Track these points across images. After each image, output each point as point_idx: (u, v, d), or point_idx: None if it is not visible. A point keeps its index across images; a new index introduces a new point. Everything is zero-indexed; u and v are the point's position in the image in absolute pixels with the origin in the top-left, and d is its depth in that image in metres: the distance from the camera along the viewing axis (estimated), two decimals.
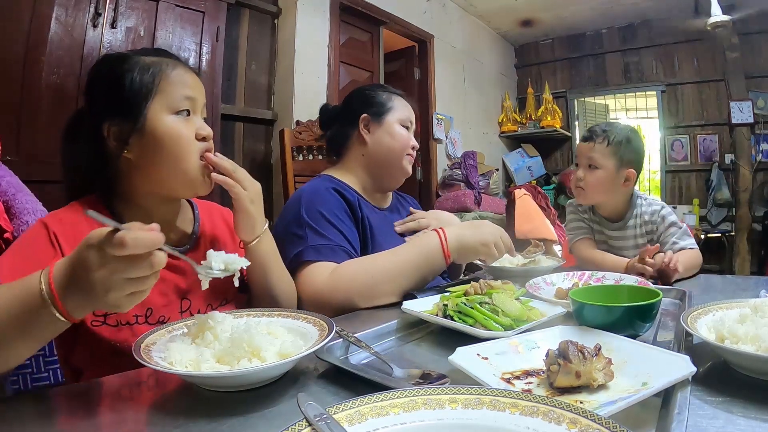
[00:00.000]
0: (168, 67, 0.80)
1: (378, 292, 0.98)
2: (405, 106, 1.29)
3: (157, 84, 0.78)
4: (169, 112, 0.78)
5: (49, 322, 0.53)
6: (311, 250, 1.02)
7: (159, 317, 0.79)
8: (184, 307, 0.83)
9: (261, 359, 0.57)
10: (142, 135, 0.77)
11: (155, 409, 0.54)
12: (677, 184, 4.99)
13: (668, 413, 0.46)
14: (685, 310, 0.68)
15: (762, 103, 4.32)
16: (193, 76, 0.83)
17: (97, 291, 0.51)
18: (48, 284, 0.52)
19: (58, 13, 1.87)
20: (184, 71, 0.82)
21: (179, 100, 0.79)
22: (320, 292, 0.97)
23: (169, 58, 0.82)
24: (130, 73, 0.77)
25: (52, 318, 0.53)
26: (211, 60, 2.35)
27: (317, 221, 1.06)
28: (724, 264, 4.46)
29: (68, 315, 0.53)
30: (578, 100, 5.46)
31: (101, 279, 0.50)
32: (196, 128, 0.80)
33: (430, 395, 0.44)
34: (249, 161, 2.81)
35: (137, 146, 0.77)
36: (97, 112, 0.79)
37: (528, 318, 0.76)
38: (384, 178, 1.27)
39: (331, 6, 3.08)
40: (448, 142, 4.27)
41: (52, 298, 0.52)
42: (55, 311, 0.52)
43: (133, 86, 0.76)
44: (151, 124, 0.77)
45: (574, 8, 4.67)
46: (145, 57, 0.80)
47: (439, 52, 4.20)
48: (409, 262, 1.01)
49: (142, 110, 0.76)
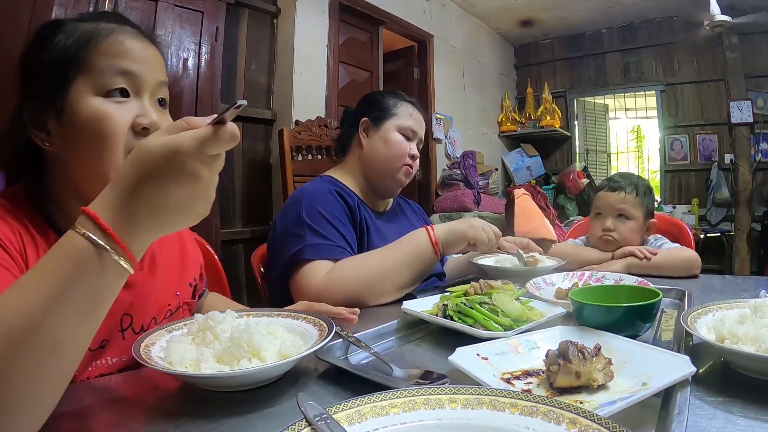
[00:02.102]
0: (102, 34, 0.62)
1: (374, 291, 0.99)
2: (410, 115, 1.26)
3: (83, 56, 0.60)
4: (94, 93, 0.60)
5: (110, 278, 0.42)
6: (309, 249, 1.02)
7: (101, 341, 0.66)
8: (124, 324, 0.70)
9: (261, 359, 0.57)
10: (61, 122, 0.61)
11: (155, 409, 0.54)
12: (677, 184, 5.00)
13: (668, 413, 0.46)
14: (685, 311, 0.68)
15: (761, 102, 4.32)
16: (140, 44, 0.64)
17: (190, 204, 0.43)
18: (99, 229, 0.41)
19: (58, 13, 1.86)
20: (125, 38, 0.63)
21: (109, 77, 0.61)
22: (317, 292, 0.97)
23: (112, 22, 0.64)
24: (52, 43, 0.61)
25: (113, 270, 0.42)
26: (210, 60, 2.35)
27: (316, 221, 1.06)
28: (724, 264, 4.46)
29: (133, 257, 0.43)
30: (578, 100, 5.46)
31: (204, 189, 0.43)
32: (135, 114, 0.62)
33: (429, 395, 0.44)
34: (248, 161, 2.81)
35: (58, 136, 0.62)
36: (19, 93, 0.64)
37: (528, 318, 0.76)
38: (376, 185, 1.26)
39: (331, 6, 3.08)
40: (447, 141, 4.27)
41: (112, 242, 0.42)
42: (117, 258, 0.42)
43: (51, 59, 0.60)
44: (70, 108, 0.60)
45: (573, 8, 4.67)
46: (81, 22, 0.63)
47: (439, 52, 4.20)
48: (401, 258, 1.02)
49: (60, 90, 0.60)
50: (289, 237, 1.06)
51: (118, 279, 0.44)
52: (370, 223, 1.19)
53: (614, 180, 1.44)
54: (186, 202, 0.43)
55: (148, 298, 0.73)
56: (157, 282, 0.75)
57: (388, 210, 1.34)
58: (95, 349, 0.65)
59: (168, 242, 0.81)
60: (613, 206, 1.40)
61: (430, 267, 1.06)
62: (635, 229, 1.39)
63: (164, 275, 0.77)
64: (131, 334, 0.69)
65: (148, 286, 0.73)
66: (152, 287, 0.74)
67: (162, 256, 0.78)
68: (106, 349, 0.67)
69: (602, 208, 1.43)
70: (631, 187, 1.40)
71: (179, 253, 0.84)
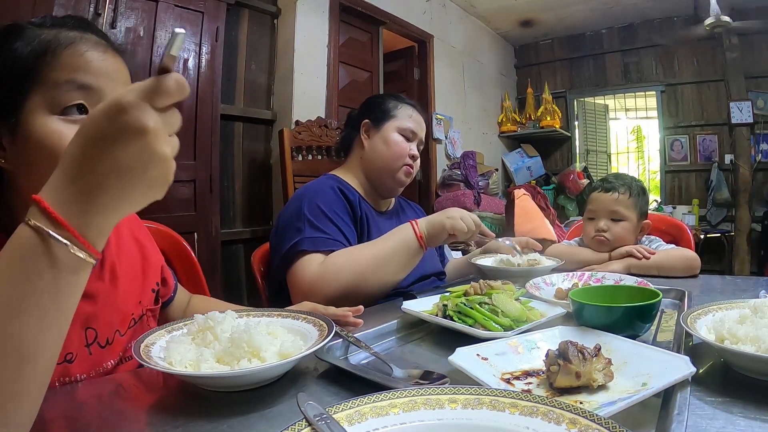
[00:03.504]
0: (61, 44, 0.57)
1: (365, 283, 1.01)
2: (410, 116, 1.29)
3: (39, 68, 0.55)
4: (50, 111, 0.56)
5: (66, 272, 0.37)
6: (307, 241, 1.04)
7: (65, 355, 0.62)
8: (89, 339, 0.66)
9: (261, 359, 0.57)
10: (15, 140, 0.56)
11: (155, 409, 0.54)
12: (677, 184, 5.00)
13: (668, 414, 0.46)
14: (685, 311, 0.68)
15: (761, 103, 4.32)
16: (101, 55, 0.59)
17: (143, 166, 0.37)
18: (45, 214, 0.36)
19: (58, 14, 1.86)
20: (86, 48, 0.58)
21: (66, 92, 0.56)
22: (310, 284, 1.00)
23: (76, 30, 0.59)
24: (9, 49, 0.56)
25: (68, 262, 0.37)
26: (210, 60, 2.35)
27: (316, 216, 1.08)
28: (724, 264, 4.46)
29: (90, 244, 0.38)
30: (578, 101, 5.46)
31: (155, 146, 0.37)
32: None
33: (429, 395, 0.44)
34: (248, 161, 2.81)
35: (12, 153, 0.57)
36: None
37: (528, 318, 0.76)
38: (377, 185, 1.29)
39: (331, 6, 3.08)
40: (447, 142, 4.27)
41: (61, 229, 0.36)
42: (70, 246, 0.37)
43: (5, 70, 0.56)
44: (24, 126, 0.55)
45: (573, 8, 4.67)
46: (42, 28, 0.58)
47: (439, 53, 4.20)
48: (389, 249, 1.04)
49: (13, 106, 0.55)
50: (289, 230, 1.08)
51: (77, 272, 0.38)
52: (371, 219, 1.21)
53: (607, 181, 1.44)
54: (137, 162, 0.37)
55: (112, 310, 0.70)
56: (119, 293, 0.72)
57: (389, 209, 1.35)
58: (60, 362, 0.61)
59: (127, 250, 0.78)
60: (606, 207, 1.40)
61: (416, 260, 1.07)
62: (629, 229, 1.38)
63: (126, 285, 0.74)
64: (97, 349, 0.67)
65: (111, 297, 0.71)
66: (115, 299, 0.71)
67: (123, 265, 0.75)
68: (74, 364, 0.63)
69: (595, 209, 1.43)
70: (624, 187, 1.39)
71: (140, 260, 0.80)
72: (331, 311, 0.82)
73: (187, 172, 2.27)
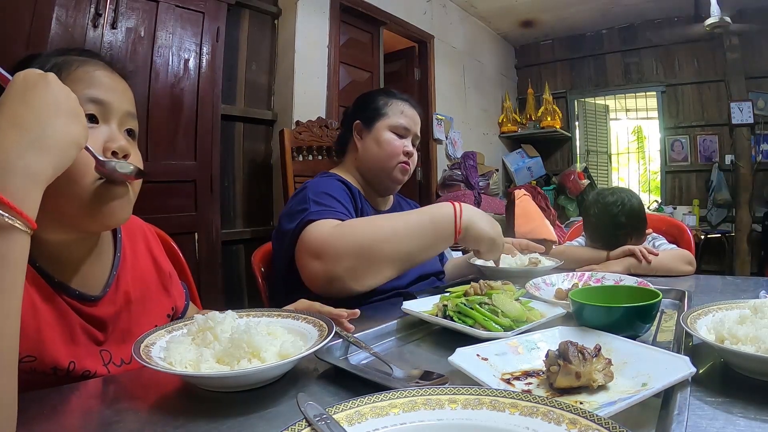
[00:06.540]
0: (74, 64, 0.64)
1: (378, 251, 0.93)
2: (401, 112, 1.25)
3: None
4: None
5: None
6: (314, 213, 0.99)
7: (82, 372, 0.66)
8: (105, 360, 0.69)
9: (261, 360, 0.57)
10: None
11: (155, 409, 0.54)
12: (677, 185, 5.00)
13: (668, 414, 0.46)
14: (685, 311, 0.68)
15: (762, 103, 4.32)
16: (110, 76, 0.67)
17: (56, 100, 0.45)
18: None
19: (59, 14, 1.86)
20: (96, 68, 0.66)
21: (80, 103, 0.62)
22: (321, 242, 0.94)
23: (84, 56, 0.67)
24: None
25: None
26: (211, 60, 2.35)
27: (322, 197, 1.05)
28: (724, 265, 4.46)
29: (11, 204, 0.38)
30: (578, 101, 5.46)
31: (53, 83, 0.45)
32: (103, 140, 0.63)
33: (429, 395, 0.44)
34: (249, 161, 2.81)
35: None
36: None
37: (528, 319, 0.76)
38: (374, 184, 1.27)
39: (331, 6, 3.08)
40: (448, 142, 4.27)
41: None
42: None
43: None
44: None
45: (574, 9, 4.67)
46: (54, 57, 0.66)
47: (440, 53, 4.20)
48: (417, 223, 0.96)
49: None
50: (294, 214, 1.03)
51: (8, 241, 0.38)
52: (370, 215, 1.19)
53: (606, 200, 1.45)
54: (53, 100, 0.44)
55: (125, 335, 0.72)
56: (132, 317, 0.74)
57: (389, 208, 1.35)
58: (77, 376, 0.64)
59: (141, 273, 0.79)
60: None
61: (441, 243, 0.98)
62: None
63: (141, 310, 0.76)
64: (114, 368, 0.70)
65: (125, 323, 0.73)
66: (129, 324, 0.73)
67: (136, 290, 0.76)
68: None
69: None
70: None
71: (157, 283, 0.82)
72: (326, 309, 0.81)
73: (187, 172, 2.28)
